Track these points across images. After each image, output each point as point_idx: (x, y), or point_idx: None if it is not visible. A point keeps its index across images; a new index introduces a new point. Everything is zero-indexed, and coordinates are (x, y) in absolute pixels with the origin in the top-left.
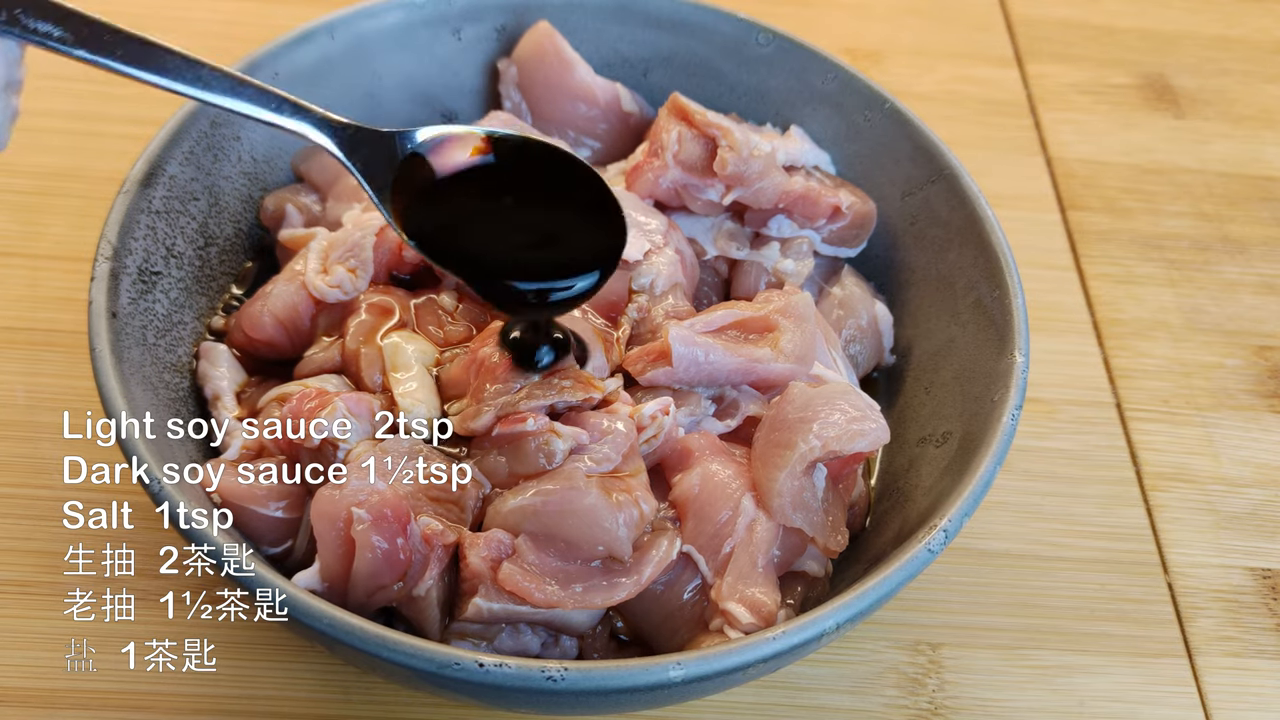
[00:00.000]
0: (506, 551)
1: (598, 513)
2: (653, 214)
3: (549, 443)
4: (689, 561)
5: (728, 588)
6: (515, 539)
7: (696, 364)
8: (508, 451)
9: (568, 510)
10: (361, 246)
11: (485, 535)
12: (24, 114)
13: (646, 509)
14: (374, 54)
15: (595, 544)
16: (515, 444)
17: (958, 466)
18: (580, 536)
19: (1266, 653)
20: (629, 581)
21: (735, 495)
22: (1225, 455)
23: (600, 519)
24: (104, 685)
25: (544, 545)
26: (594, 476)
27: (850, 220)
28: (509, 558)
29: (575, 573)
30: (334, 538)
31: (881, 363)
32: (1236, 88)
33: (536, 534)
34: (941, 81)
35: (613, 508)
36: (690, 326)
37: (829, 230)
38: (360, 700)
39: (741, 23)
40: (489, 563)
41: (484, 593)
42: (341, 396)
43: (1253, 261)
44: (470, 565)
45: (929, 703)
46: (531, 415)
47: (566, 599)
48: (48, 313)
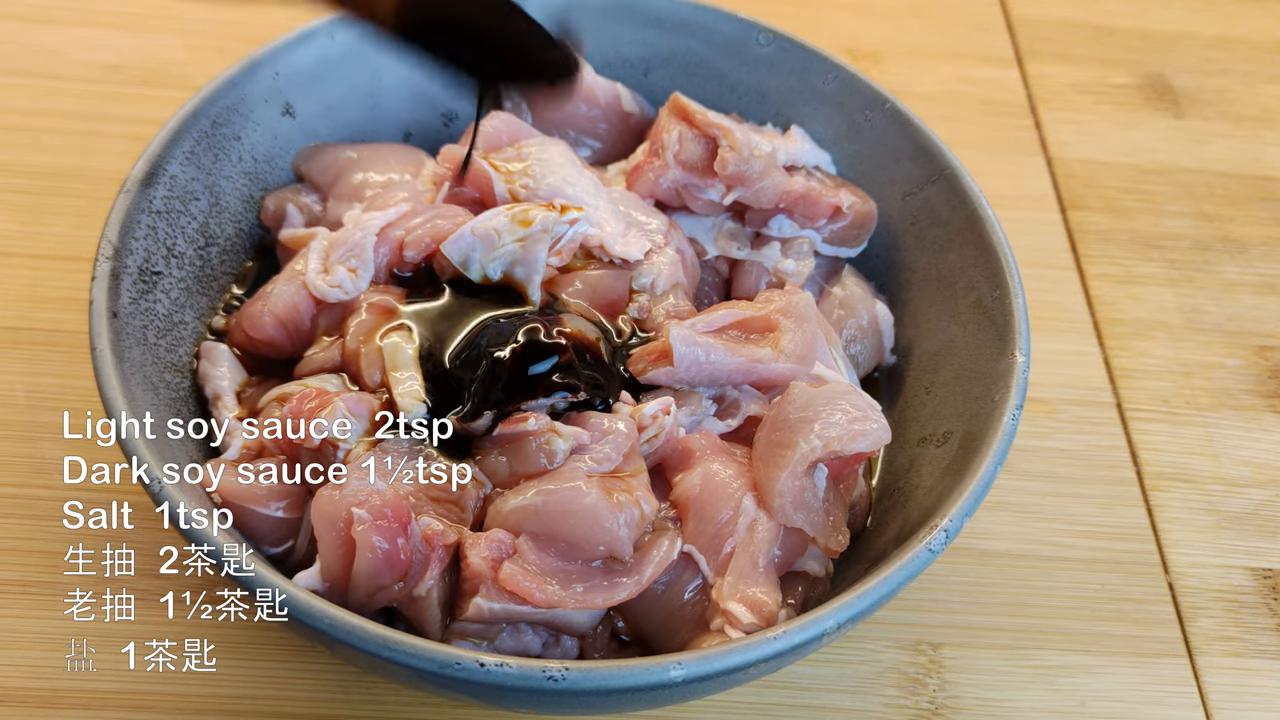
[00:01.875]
0: (508, 551)
1: (598, 513)
2: (653, 214)
3: (550, 442)
4: (690, 561)
5: (728, 587)
6: (516, 539)
7: (698, 364)
8: (509, 451)
9: (568, 510)
10: (362, 247)
11: (486, 535)
12: (24, 114)
13: (648, 509)
14: (374, 54)
15: (596, 544)
16: (516, 444)
17: (958, 466)
18: (581, 536)
19: (1267, 653)
20: (630, 581)
21: (736, 495)
22: (1225, 455)
23: (601, 519)
24: (104, 685)
25: (545, 545)
26: (595, 476)
27: (851, 220)
28: (510, 557)
29: (576, 573)
30: (334, 538)
31: (882, 363)
32: (1236, 88)
33: (538, 534)
34: (941, 81)
35: (613, 508)
36: (691, 326)
37: (830, 230)
38: (360, 700)
39: (742, 23)
40: (490, 562)
41: (485, 592)
42: (341, 396)
43: (1253, 261)
44: (471, 565)
45: (929, 703)
46: (533, 415)
47: (567, 599)
48: (48, 313)
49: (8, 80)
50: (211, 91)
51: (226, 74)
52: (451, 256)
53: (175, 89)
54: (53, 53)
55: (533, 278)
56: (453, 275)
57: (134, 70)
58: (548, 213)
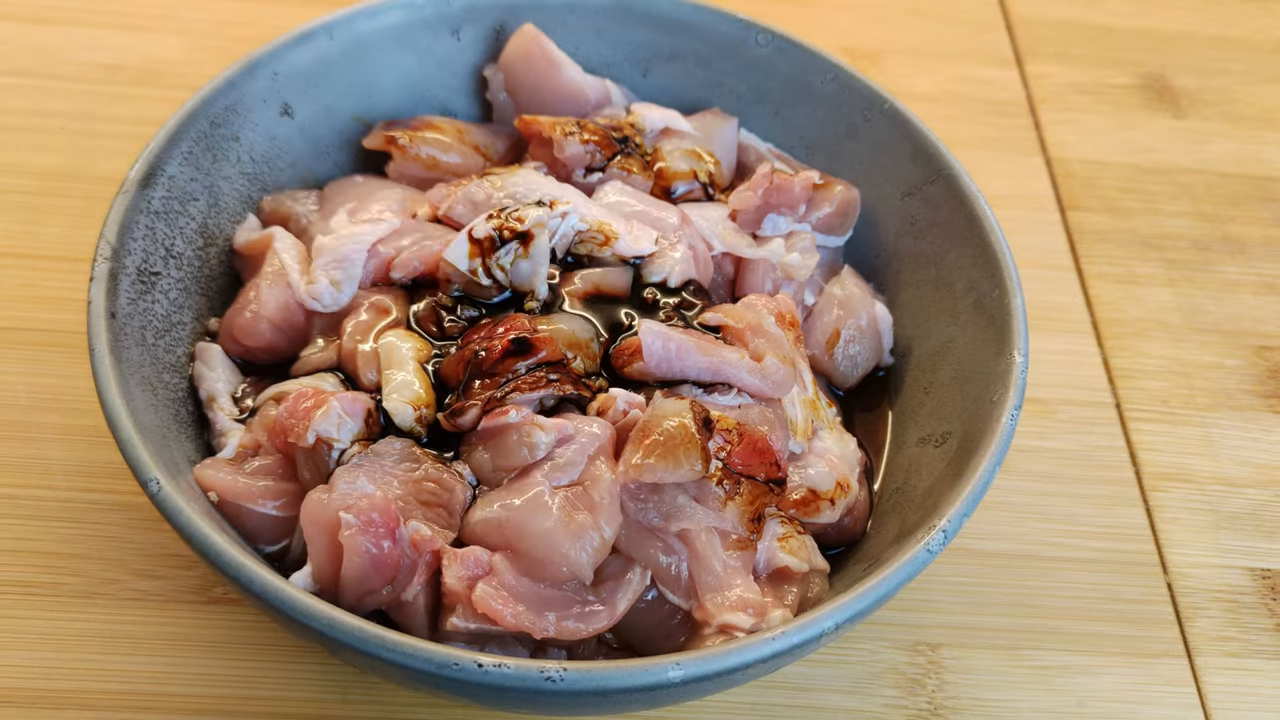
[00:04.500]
0: (483, 570)
1: (555, 538)
2: (666, 208)
3: (531, 435)
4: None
5: (712, 605)
6: (493, 556)
7: (668, 360)
8: (491, 447)
9: (527, 530)
10: (352, 261)
11: (462, 553)
12: (24, 114)
13: (608, 533)
14: (373, 54)
15: (559, 566)
16: (499, 437)
17: (957, 466)
18: (543, 557)
19: (1266, 653)
20: (604, 611)
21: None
22: (1225, 455)
23: (558, 545)
24: (104, 685)
25: (519, 563)
26: (559, 491)
27: (836, 207)
28: (484, 577)
29: (551, 599)
30: (323, 542)
31: (881, 362)
32: (1236, 88)
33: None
34: (941, 81)
35: (573, 535)
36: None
37: (815, 218)
38: (359, 700)
39: (741, 23)
40: (464, 582)
41: (460, 612)
42: (336, 396)
43: (1253, 261)
44: (446, 584)
45: (928, 703)
46: (514, 408)
47: (541, 626)
48: (47, 313)
49: (7, 80)
50: (210, 92)
51: (225, 74)
52: (457, 263)
53: (174, 89)
54: (52, 53)
55: (539, 271)
56: (456, 282)
57: (133, 70)
58: (539, 209)
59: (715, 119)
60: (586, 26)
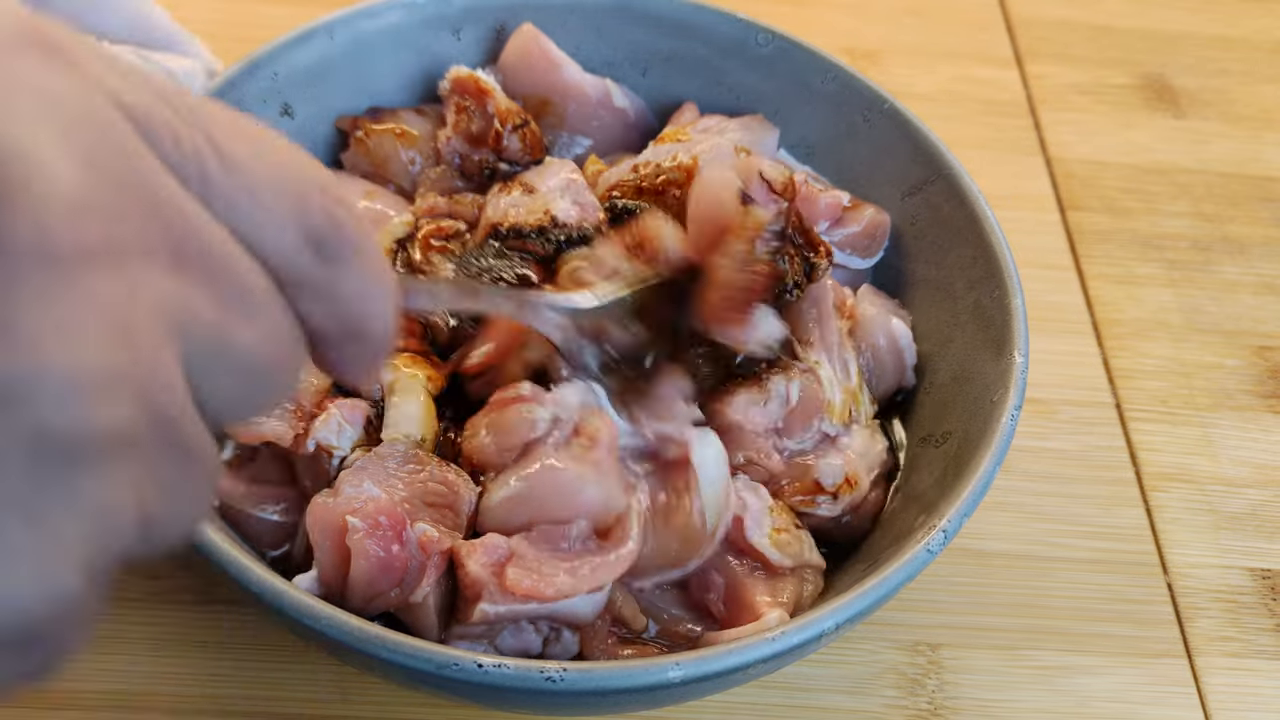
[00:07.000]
0: (505, 555)
1: (584, 481)
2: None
3: (531, 410)
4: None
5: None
6: (510, 540)
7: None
8: (493, 429)
9: (550, 490)
10: None
11: (482, 542)
12: None
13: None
14: (374, 54)
15: (587, 509)
16: (499, 414)
17: (957, 467)
18: (570, 511)
19: (1266, 653)
20: (624, 551)
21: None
22: (1225, 455)
23: (581, 489)
24: (103, 685)
25: (537, 540)
26: (561, 447)
27: (864, 228)
28: (509, 561)
29: (575, 557)
30: (330, 546)
31: (903, 383)
32: (1236, 88)
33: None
34: (941, 81)
35: (597, 472)
36: None
37: (841, 234)
38: (359, 700)
39: (741, 23)
40: (490, 569)
41: (489, 597)
42: (336, 404)
43: (1253, 261)
44: (471, 573)
45: (929, 703)
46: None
47: (579, 584)
48: None
49: None
50: (209, 92)
51: (225, 74)
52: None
53: None
54: None
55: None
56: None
57: None
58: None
59: (761, 126)
60: (586, 26)
